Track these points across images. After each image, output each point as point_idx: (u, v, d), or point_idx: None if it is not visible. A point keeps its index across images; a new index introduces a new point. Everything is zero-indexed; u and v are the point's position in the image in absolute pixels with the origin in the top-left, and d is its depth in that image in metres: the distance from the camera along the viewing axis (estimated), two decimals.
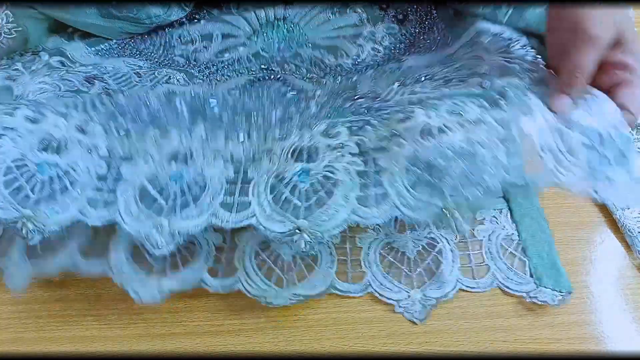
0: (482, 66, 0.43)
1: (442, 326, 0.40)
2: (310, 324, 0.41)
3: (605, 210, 0.45)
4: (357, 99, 0.45)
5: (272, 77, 0.57)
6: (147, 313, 0.42)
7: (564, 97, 0.40)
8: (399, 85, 0.45)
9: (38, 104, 0.43)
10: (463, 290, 0.42)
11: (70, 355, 0.40)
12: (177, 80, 0.57)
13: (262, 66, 0.59)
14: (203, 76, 0.58)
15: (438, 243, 0.44)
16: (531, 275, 0.42)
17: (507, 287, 0.41)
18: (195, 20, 0.66)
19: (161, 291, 0.40)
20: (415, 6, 0.63)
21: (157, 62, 0.60)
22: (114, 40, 0.62)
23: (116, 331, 0.41)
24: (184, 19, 0.65)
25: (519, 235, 0.45)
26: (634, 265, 0.42)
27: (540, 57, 0.45)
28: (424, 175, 0.38)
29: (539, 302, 0.40)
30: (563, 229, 0.45)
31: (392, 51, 0.60)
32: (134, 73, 0.58)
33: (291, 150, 0.41)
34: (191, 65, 0.60)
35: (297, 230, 0.38)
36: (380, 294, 0.42)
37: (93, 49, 0.60)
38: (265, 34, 0.63)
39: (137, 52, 0.61)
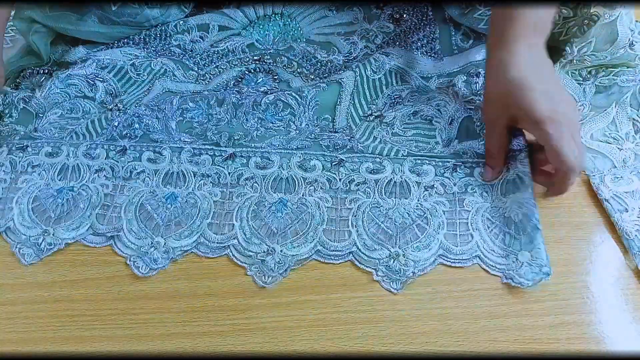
0: (446, 111, 0.52)
1: (442, 326, 0.40)
2: (310, 324, 0.41)
3: (604, 211, 0.45)
4: (334, 132, 0.52)
5: (264, 69, 0.58)
6: (147, 313, 0.42)
7: (488, 169, 0.47)
8: (373, 118, 0.53)
9: (56, 140, 0.52)
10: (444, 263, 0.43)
11: (70, 355, 0.40)
12: (173, 74, 0.59)
13: (255, 58, 0.59)
14: (197, 68, 0.59)
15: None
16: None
17: (488, 259, 0.43)
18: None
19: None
20: (412, 6, 0.64)
21: (153, 51, 0.61)
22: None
23: (116, 331, 0.41)
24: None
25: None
26: (631, 268, 0.42)
27: None
28: (382, 224, 0.45)
29: (514, 284, 0.41)
30: (563, 229, 0.45)
31: (384, 49, 0.60)
32: (130, 64, 0.59)
33: (271, 180, 0.48)
34: (187, 55, 0.61)
35: (270, 252, 0.43)
36: (359, 262, 0.43)
37: (94, 50, 0.62)
38: (261, 26, 0.64)
39: (134, 44, 0.62)
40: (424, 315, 0.41)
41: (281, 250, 0.44)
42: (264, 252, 0.44)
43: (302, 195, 0.47)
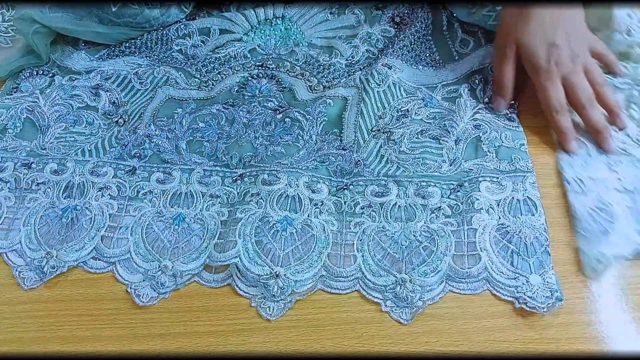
0: (453, 130, 0.51)
1: (442, 326, 0.40)
2: (310, 324, 0.41)
3: None
4: (341, 149, 0.50)
5: (267, 75, 0.58)
6: (147, 313, 0.42)
7: (499, 99, 0.51)
8: (377, 134, 0.52)
9: (62, 156, 0.51)
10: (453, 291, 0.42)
11: (71, 355, 0.40)
12: (176, 81, 0.58)
13: (257, 64, 0.59)
14: (200, 75, 0.59)
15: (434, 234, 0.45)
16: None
17: (497, 281, 0.41)
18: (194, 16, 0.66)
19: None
20: (412, 9, 0.64)
21: (156, 59, 0.61)
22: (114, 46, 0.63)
23: (116, 331, 0.41)
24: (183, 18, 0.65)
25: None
26: (633, 265, 0.42)
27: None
28: (388, 248, 0.44)
29: (528, 308, 0.40)
30: (563, 229, 0.44)
31: (386, 59, 0.60)
32: (133, 73, 0.59)
33: (277, 197, 0.46)
34: (189, 63, 0.60)
35: (273, 276, 0.42)
36: (366, 292, 0.42)
37: (96, 56, 0.62)
38: (262, 31, 0.64)
39: (136, 49, 0.62)
40: (424, 315, 0.41)
41: (285, 275, 0.42)
42: (268, 275, 0.42)
43: (308, 216, 0.45)
